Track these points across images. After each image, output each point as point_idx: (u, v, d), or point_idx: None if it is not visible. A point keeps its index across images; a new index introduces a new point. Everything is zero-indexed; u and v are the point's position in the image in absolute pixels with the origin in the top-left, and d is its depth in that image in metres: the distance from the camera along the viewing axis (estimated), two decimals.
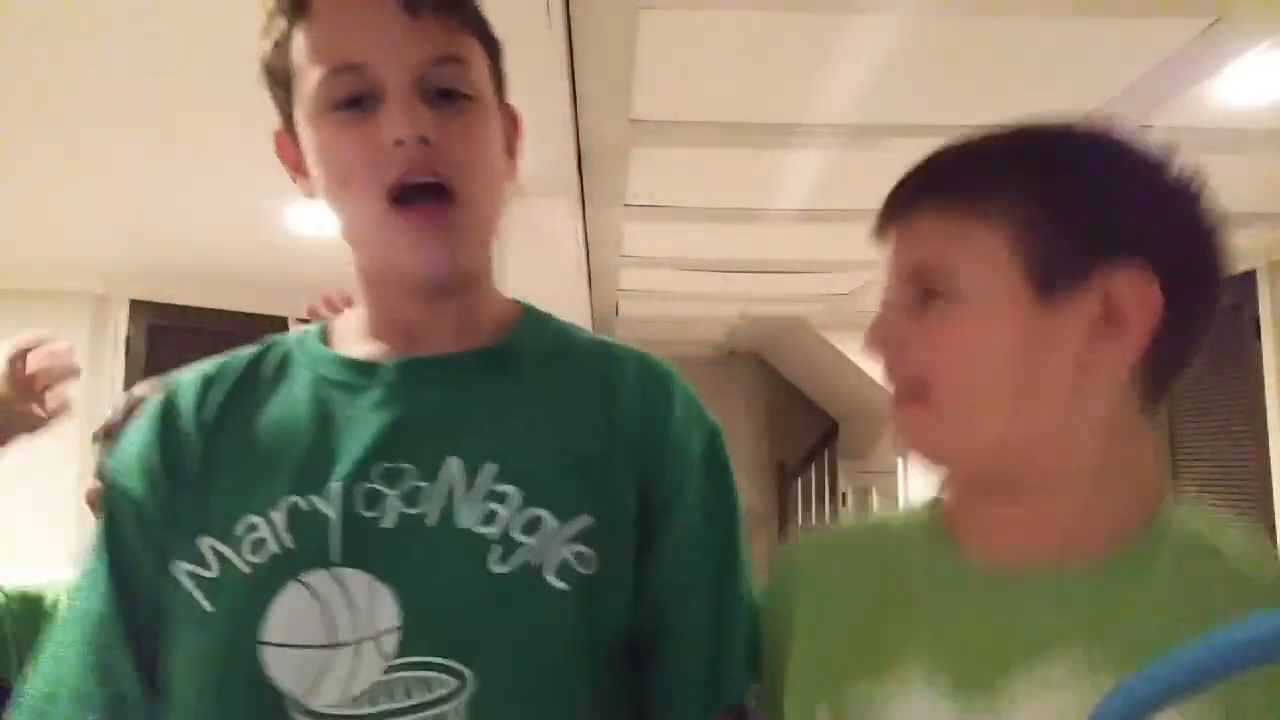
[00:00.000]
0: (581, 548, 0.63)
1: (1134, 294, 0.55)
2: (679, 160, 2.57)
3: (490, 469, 0.64)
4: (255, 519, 0.63)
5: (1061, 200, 0.57)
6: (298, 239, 3.39)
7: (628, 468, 0.68)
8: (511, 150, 0.79)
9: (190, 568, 0.63)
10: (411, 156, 0.64)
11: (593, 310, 4.35)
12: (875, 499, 5.70)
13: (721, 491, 0.74)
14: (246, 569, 0.61)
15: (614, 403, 0.71)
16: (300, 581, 0.61)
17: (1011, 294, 0.57)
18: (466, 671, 0.59)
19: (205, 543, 0.63)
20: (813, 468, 6.81)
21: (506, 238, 2.53)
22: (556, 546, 0.63)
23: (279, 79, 0.69)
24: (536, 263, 3.39)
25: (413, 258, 0.67)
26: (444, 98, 0.67)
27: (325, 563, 0.61)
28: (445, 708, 0.59)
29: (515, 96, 2.27)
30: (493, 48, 0.78)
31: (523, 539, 0.63)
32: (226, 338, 4.18)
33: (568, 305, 4.13)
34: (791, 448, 7.07)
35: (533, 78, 1.87)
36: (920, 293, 0.60)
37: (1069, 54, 1.90)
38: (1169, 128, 2.21)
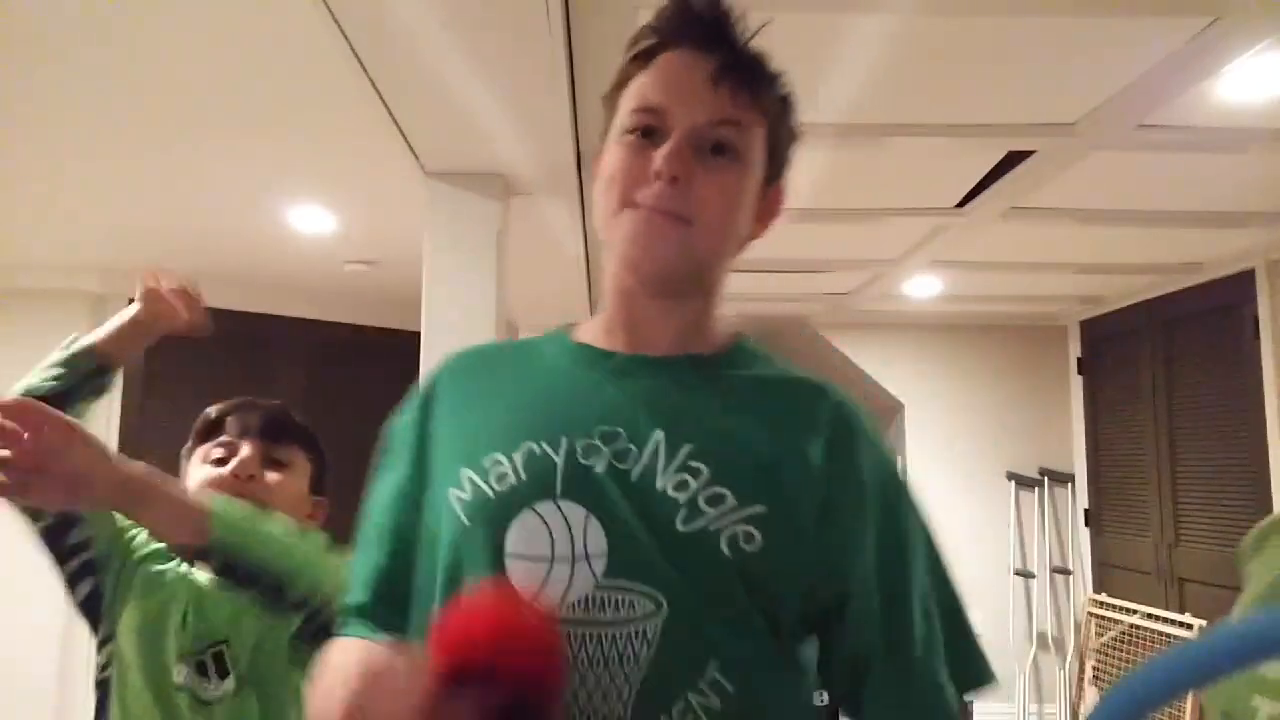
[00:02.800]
0: (751, 529, 0.75)
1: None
2: None
3: (686, 448, 0.78)
4: (500, 456, 0.79)
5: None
6: (298, 239, 3.39)
7: (812, 490, 0.79)
8: (761, 219, 0.90)
9: (456, 492, 0.80)
10: (662, 190, 0.79)
11: (592, 309, 4.36)
12: None
13: (899, 521, 0.84)
14: (492, 494, 0.78)
15: (806, 433, 0.82)
16: (532, 509, 0.76)
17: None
18: (663, 599, 0.74)
19: (464, 473, 0.80)
20: None
21: (507, 237, 2.54)
22: (731, 522, 0.75)
23: (610, 104, 0.87)
24: (537, 262, 3.39)
25: (638, 251, 0.81)
26: (714, 152, 0.81)
27: (551, 495, 0.77)
28: (644, 624, 0.73)
29: (515, 96, 2.27)
30: (778, 131, 0.90)
31: (705, 509, 0.76)
32: (226, 337, 4.16)
33: (568, 304, 4.12)
34: None
35: (533, 78, 1.87)
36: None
37: (1069, 54, 1.90)
38: (1169, 127, 2.21)
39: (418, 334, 2.41)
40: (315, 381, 4.43)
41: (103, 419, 3.87)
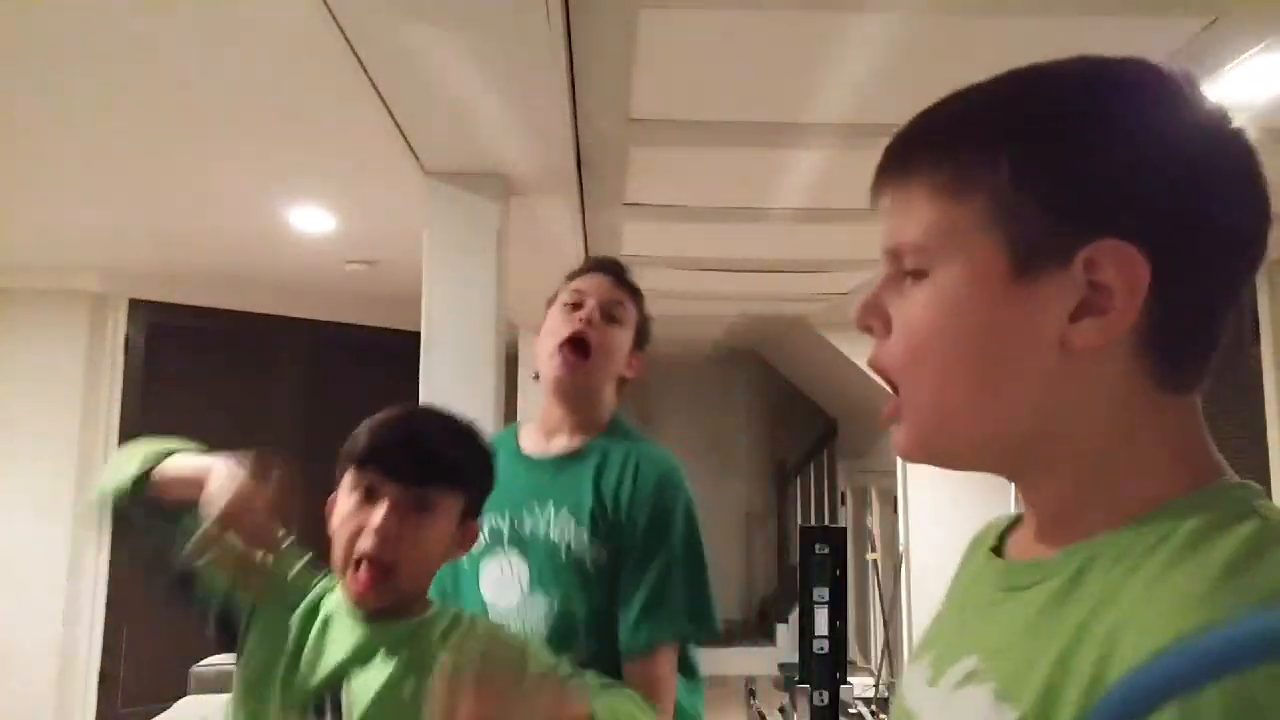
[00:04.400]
0: (601, 551, 1.38)
1: (1117, 270, 0.50)
2: (679, 160, 2.58)
3: (564, 510, 1.40)
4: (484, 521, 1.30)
5: (1042, 171, 0.53)
6: (298, 239, 3.39)
7: (618, 522, 1.39)
8: (633, 359, 1.54)
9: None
10: (581, 330, 1.45)
11: None
12: (874, 498, 5.70)
13: (660, 534, 1.39)
14: (479, 548, 1.36)
15: (609, 488, 1.41)
16: (494, 554, 1.42)
17: (984, 274, 0.53)
18: (555, 600, 1.36)
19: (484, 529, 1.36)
20: (811, 467, 6.81)
21: (507, 237, 2.54)
22: (588, 550, 1.38)
23: (549, 304, 1.55)
24: (536, 261, 3.39)
25: (558, 374, 1.45)
26: (609, 320, 1.47)
27: (503, 546, 1.41)
28: (546, 614, 1.36)
29: (515, 96, 2.27)
30: (644, 316, 1.57)
31: (573, 545, 1.38)
32: (225, 337, 4.17)
33: None
34: (790, 447, 7.08)
35: (533, 78, 1.87)
36: (897, 274, 0.58)
37: (1069, 54, 1.90)
38: None
39: (418, 334, 2.41)
40: (315, 381, 4.43)
41: (103, 419, 3.88)
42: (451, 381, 2.38)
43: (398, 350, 3.26)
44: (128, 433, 3.93)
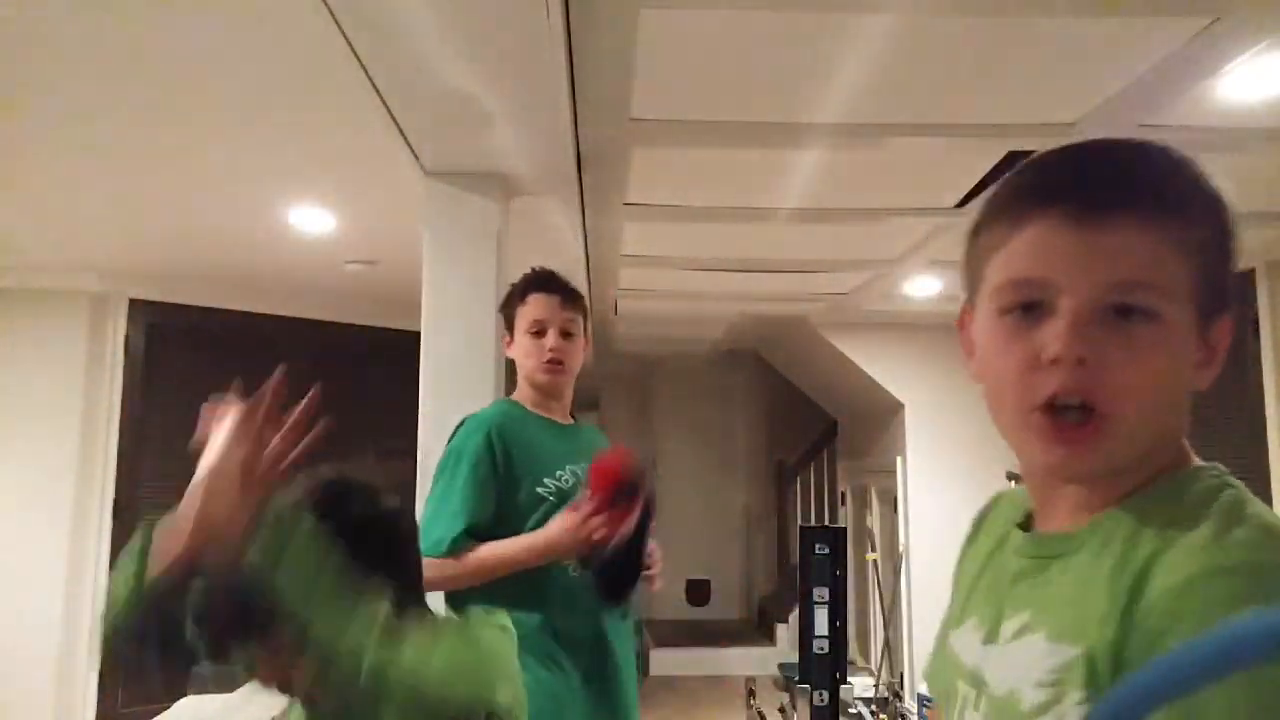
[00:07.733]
0: None
1: (1224, 337, 0.64)
2: (679, 160, 2.58)
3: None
4: (560, 471, 1.74)
5: (1225, 244, 0.65)
6: (298, 239, 3.39)
7: None
8: (586, 346, 1.94)
9: (541, 489, 1.71)
10: (552, 356, 1.85)
11: (592, 308, 4.36)
12: (874, 498, 5.70)
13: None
14: (565, 488, 1.72)
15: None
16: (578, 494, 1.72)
17: (1190, 322, 0.62)
18: None
19: (545, 479, 1.72)
20: (811, 467, 6.81)
21: (507, 237, 2.54)
22: None
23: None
24: (536, 261, 3.38)
25: (547, 381, 1.89)
26: (568, 337, 1.84)
27: (562, 503, 1.70)
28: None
29: (515, 96, 2.26)
30: (584, 313, 1.95)
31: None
32: (225, 337, 4.18)
33: None
34: (790, 446, 7.07)
35: (533, 78, 1.88)
36: (1116, 306, 0.61)
37: (1069, 54, 1.90)
38: (1168, 127, 2.21)
39: (418, 334, 2.41)
40: (315, 381, 4.42)
41: (103, 419, 3.88)
42: (451, 381, 2.38)
43: (398, 350, 3.25)
44: (128, 433, 3.93)
